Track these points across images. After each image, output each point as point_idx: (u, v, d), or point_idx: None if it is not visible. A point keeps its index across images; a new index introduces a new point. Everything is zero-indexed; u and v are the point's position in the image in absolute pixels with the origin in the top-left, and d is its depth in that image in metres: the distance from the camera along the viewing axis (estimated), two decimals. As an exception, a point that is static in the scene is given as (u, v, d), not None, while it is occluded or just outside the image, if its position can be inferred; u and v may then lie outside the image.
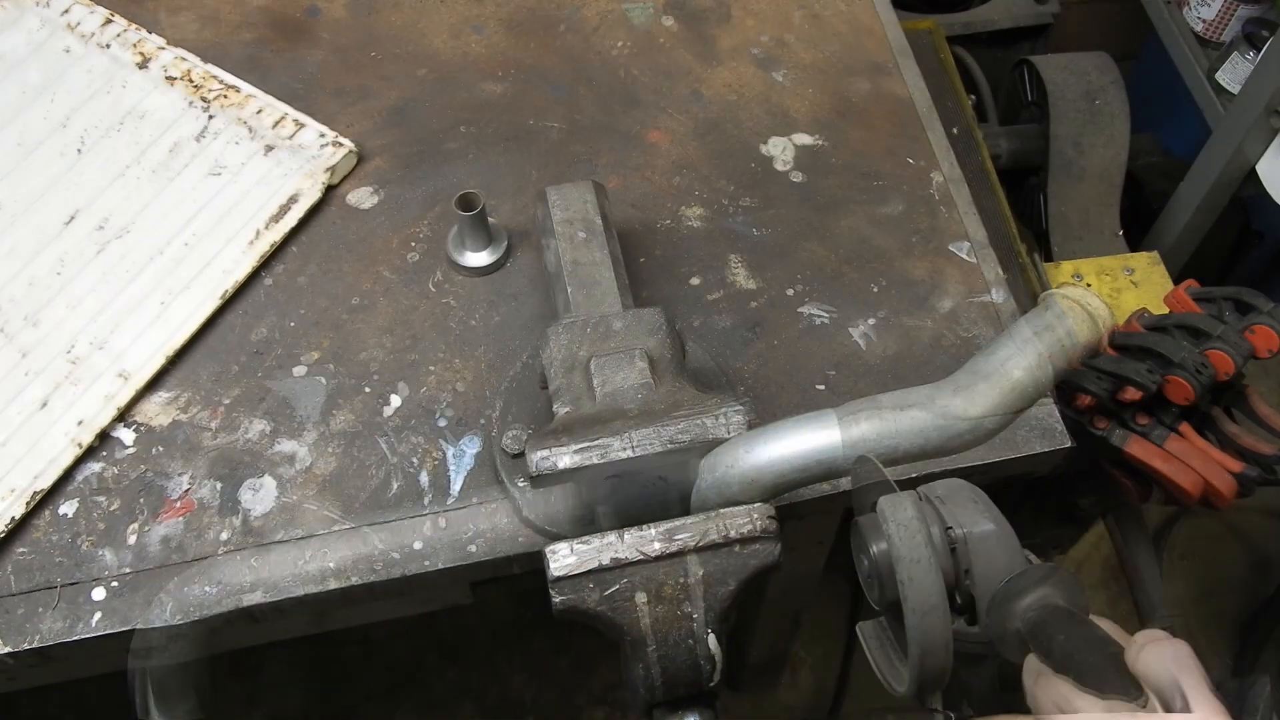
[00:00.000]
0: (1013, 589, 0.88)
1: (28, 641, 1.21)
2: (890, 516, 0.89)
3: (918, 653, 0.87)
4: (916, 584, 0.86)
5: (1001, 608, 0.88)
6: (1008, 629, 0.88)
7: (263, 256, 1.48)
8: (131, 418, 1.36)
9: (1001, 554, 0.90)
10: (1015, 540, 0.91)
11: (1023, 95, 2.64)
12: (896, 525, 0.88)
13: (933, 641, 0.87)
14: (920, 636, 0.87)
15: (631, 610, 1.04)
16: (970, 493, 0.94)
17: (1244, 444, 1.67)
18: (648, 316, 1.25)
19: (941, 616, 0.87)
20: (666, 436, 1.09)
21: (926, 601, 0.86)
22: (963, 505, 0.92)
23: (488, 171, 1.61)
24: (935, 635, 0.87)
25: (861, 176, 1.62)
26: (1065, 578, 0.88)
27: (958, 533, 0.90)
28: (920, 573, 0.86)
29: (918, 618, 0.86)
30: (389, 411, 1.38)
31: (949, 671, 0.90)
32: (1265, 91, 2.18)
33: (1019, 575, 0.88)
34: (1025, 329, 1.06)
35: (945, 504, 0.92)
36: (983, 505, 0.92)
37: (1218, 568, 2.91)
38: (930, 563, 0.86)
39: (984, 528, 0.90)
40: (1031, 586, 0.87)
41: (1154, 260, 2.17)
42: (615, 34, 1.78)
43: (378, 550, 1.27)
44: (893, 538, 0.88)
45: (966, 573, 0.90)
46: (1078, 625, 0.85)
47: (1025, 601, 0.87)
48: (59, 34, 1.67)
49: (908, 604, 0.87)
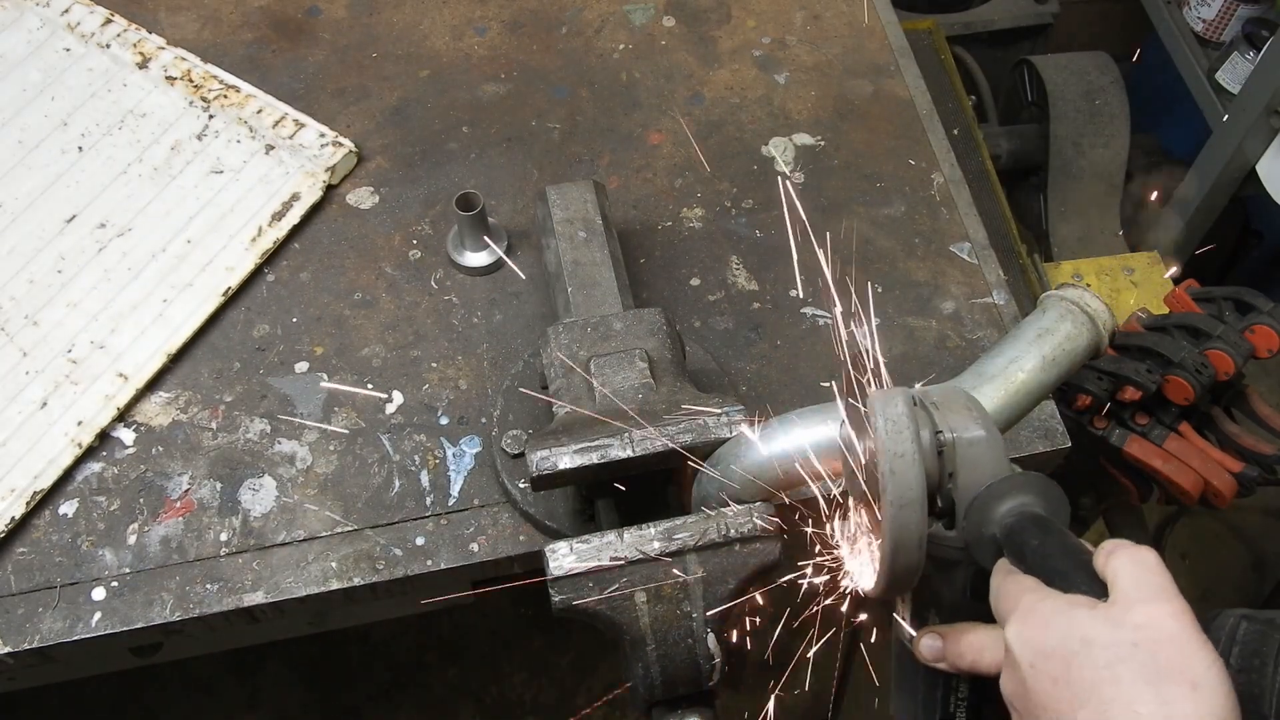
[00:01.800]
0: (993, 493, 0.88)
1: (28, 641, 1.21)
2: (880, 410, 0.88)
3: (890, 546, 0.87)
4: (898, 478, 0.86)
5: (980, 512, 0.88)
6: (984, 534, 0.88)
7: (265, 254, 1.48)
8: (131, 418, 1.36)
9: (988, 461, 0.90)
10: (1003, 449, 0.91)
11: (1023, 95, 2.63)
12: (885, 419, 0.87)
13: (906, 536, 0.87)
14: (894, 530, 0.87)
15: (631, 609, 1.04)
16: (965, 399, 0.94)
17: (1244, 444, 1.67)
18: (648, 317, 1.25)
19: (918, 512, 0.86)
20: (667, 437, 1.09)
21: (904, 495, 0.86)
22: (956, 411, 0.92)
23: (488, 171, 1.61)
24: (910, 530, 0.87)
25: (862, 178, 1.62)
26: (1047, 487, 0.88)
27: (947, 436, 0.90)
28: (902, 467, 0.86)
29: (894, 509, 0.86)
30: (391, 409, 1.38)
31: (919, 569, 0.90)
32: (1265, 91, 2.18)
33: (1001, 481, 0.88)
34: (1028, 331, 1.06)
35: (939, 409, 0.92)
36: (976, 413, 0.92)
37: (1218, 568, 2.91)
38: (914, 458, 0.86)
39: (973, 433, 0.90)
40: (1012, 492, 0.87)
41: (1154, 260, 2.17)
42: (616, 35, 1.78)
43: (379, 549, 1.27)
44: (879, 430, 0.87)
45: (951, 476, 0.90)
46: (1052, 533, 0.84)
47: (1004, 507, 0.87)
48: (59, 34, 1.67)
49: (886, 496, 0.86)
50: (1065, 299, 1.07)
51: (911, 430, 0.87)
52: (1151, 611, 0.75)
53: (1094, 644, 0.75)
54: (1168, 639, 0.73)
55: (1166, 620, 0.74)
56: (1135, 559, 0.78)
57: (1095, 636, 0.75)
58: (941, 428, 0.90)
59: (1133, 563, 0.78)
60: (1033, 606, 0.81)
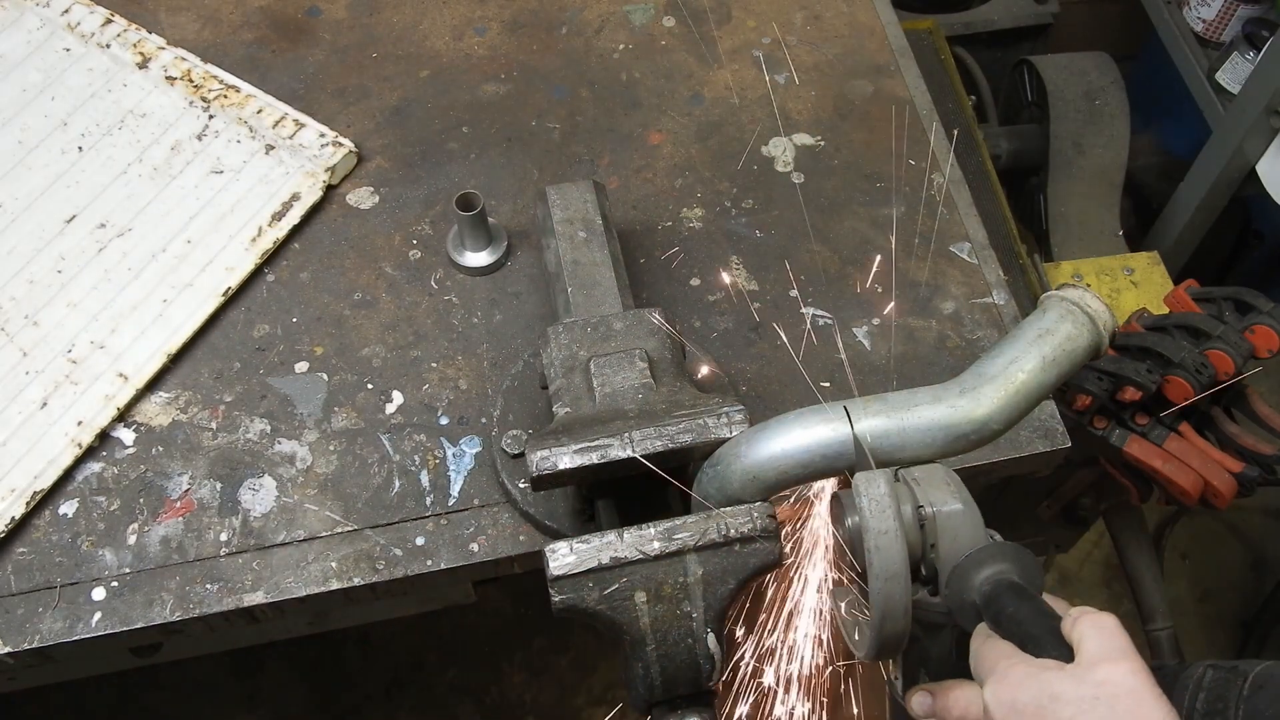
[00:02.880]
0: (971, 562, 0.95)
1: (28, 641, 1.21)
2: (864, 491, 0.96)
3: (879, 615, 0.96)
4: (882, 553, 0.94)
5: (960, 580, 0.96)
6: (965, 600, 0.95)
7: (265, 254, 1.48)
8: (131, 418, 1.36)
9: (966, 531, 0.98)
10: (980, 520, 0.99)
11: (1023, 95, 2.63)
12: (869, 499, 0.96)
13: (893, 606, 0.95)
14: (882, 601, 0.95)
15: (631, 609, 1.04)
16: (944, 475, 1.01)
17: (1244, 444, 1.67)
18: (648, 317, 1.25)
19: (902, 584, 0.95)
20: (667, 437, 1.09)
21: (889, 569, 0.94)
22: (936, 486, 0.99)
23: (488, 171, 1.61)
24: (895, 601, 0.95)
25: (862, 178, 1.62)
26: (1022, 555, 0.96)
27: (928, 510, 0.98)
28: (886, 543, 0.94)
29: (881, 583, 0.95)
30: (391, 409, 1.38)
31: (906, 635, 0.98)
32: (1265, 91, 2.18)
33: (979, 550, 0.96)
34: (1028, 332, 1.06)
35: (920, 484, 1.00)
36: (954, 487, 1.00)
37: (1218, 568, 2.91)
38: (896, 534, 0.95)
39: (952, 506, 0.98)
40: (989, 561, 0.95)
41: (1154, 260, 2.17)
42: (616, 35, 1.78)
43: (379, 549, 1.27)
44: (864, 510, 0.95)
45: (933, 547, 0.98)
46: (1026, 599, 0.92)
47: (982, 575, 0.95)
48: (59, 34, 1.67)
49: (872, 570, 0.95)
50: (1066, 299, 1.07)
51: (894, 509, 0.96)
52: (1111, 670, 0.84)
53: (1060, 699, 0.85)
54: (1126, 693, 0.83)
55: (1125, 677, 0.84)
56: (1097, 624, 0.88)
57: (1061, 692, 0.85)
58: (923, 502, 0.99)
59: (1095, 628, 0.88)
60: (1007, 670, 0.90)
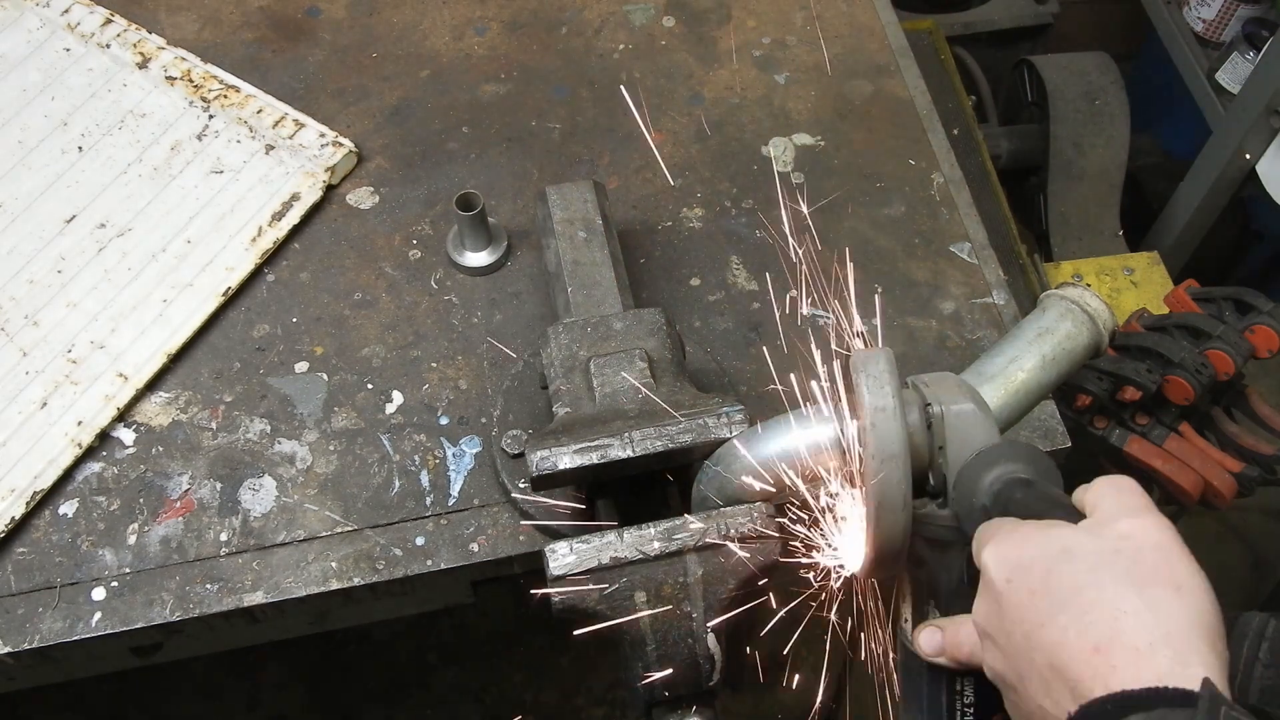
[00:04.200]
0: (981, 461, 0.86)
1: (28, 641, 1.21)
2: (862, 368, 0.86)
3: (874, 506, 0.84)
4: (878, 430, 0.84)
5: (969, 481, 0.86)
6: (974, 504, 0.86)
7: (265, 254, 1.48)
8: (131, 418, 1.36)
9: (977, 432, 0.89)
10: (994, 424, 0.90)
11: (1023, 95, 2.63)
12: (866, 375, 0.86)
13: (890, 492, 0.84)
14: (878, 487, 0.84)
15: (631, 609, 1.04)
16: (956, 380, 0.93)
17: (1244, 444, 1.67)
18: (648, 317, 1.25)
19: (900, 467, 0.84)
20: (667, 437, 1.09)
21: (886, 448, 0.83)
22: (946, 388, 0.90)
23: (488, 171, 1.61)
24: (893, 485, 0.84)
25: (862, 178, 1.62)
26: (1037, 455, 0.86)
27: (935, 410, 0.89)
28: (883, 420, 0.84)
29: (876, 464, 0.83)
30: (391, 409, 1.38)
31: (905, 537, 0.86)
32: (1265, 91, 2.18)
33: (989, 449, 0.87)
34: (1028, 331, 1.06)
35: (929, 386, 0.91)
36: (965, 390, 0.91)
37: (1218, 568, 2.90)
38: (895, 412, 0.84)
39: (961, 405, 0.89)
40: (1000, 460, 0.86)
41: (1154, 260, 2.17)
42: (616, 35, 1.78)
43: (379, 549, 1.27)
44: (860, 387, 0.85)
45: (941, 449, 0.89)
46: (1038, 489, 0.83)
47: (992, 474, 0.85)
48: (59, 34, 1.67)
49: (868, 450, 0.84)
50: (1065, 298, 1.07)
51: (893, 385, 0.85)
52: (1134, 523, 0.75)
53: (1074, 552, 0.74)
54: (1151, 546, 0.73)
55: (1150, 531, 0.74)
56: (1114, 483, 0.78)
57: (1076, 546, 0.75)
58: (930, 400, 0.89)
59: (1112, 486, 0.78)
60: (1011, 530, 0.79)
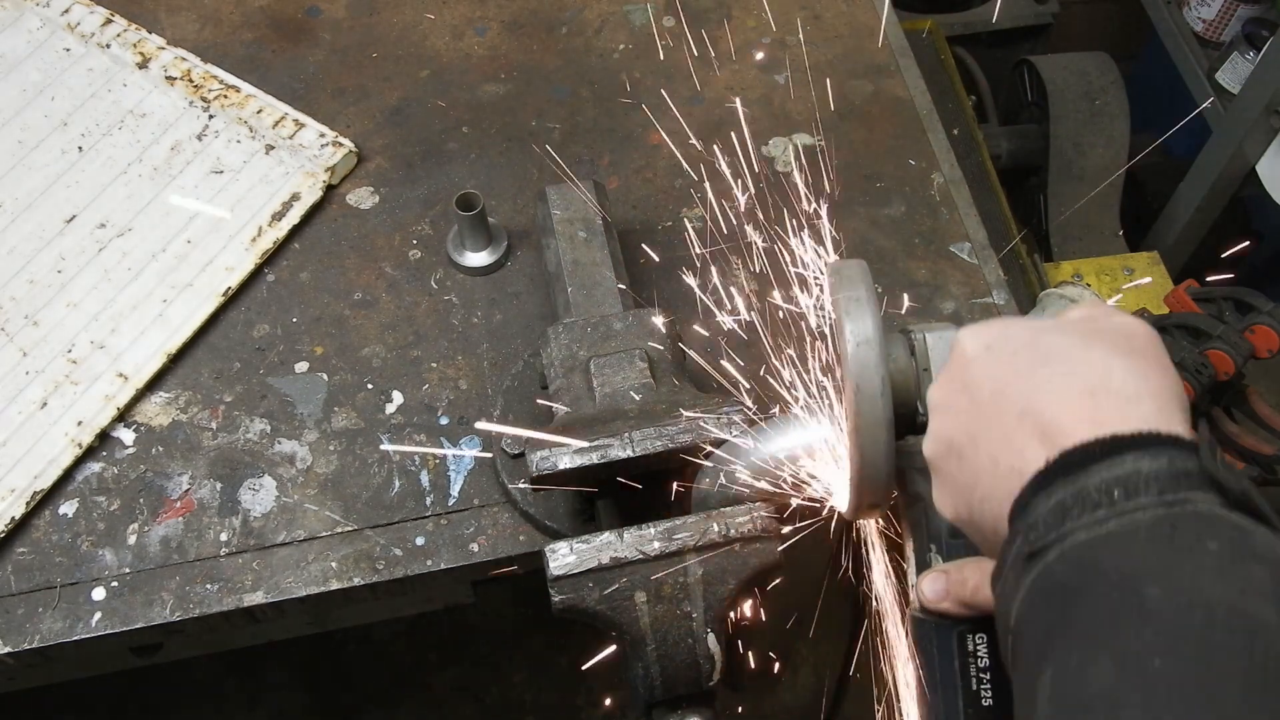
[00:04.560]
0: None
1: (28, 641, 1.21)
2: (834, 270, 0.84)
3: (852, 386, 0.81)
4: (853, 317, 0.81)
5: None
6: None
7: (265, 254, 1.48)
8: (131, 418, 1.36)
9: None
10: None
11: (1023, 95, 2.63)
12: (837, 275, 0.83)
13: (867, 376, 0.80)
14: (856, 369, 0.80)
15: (631, 609, 1.04)
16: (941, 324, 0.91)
17: (1244, 444, 1.67)
18: (648, 317, 1.25)
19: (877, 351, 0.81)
20: (667, 437, 1.09)
21: (862, 332, 0.80)
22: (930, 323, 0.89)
23: (488, 171, 1.61)
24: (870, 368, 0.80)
25: (863, 178, 1.62)
26: None
27: (918, 336, 0.88)
28: (857, 309, 0.81)
29: (853, 346, 0.80)
30: (391, 409, 1.38)
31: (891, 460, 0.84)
32: (1265, 91, 2.18)
33: None
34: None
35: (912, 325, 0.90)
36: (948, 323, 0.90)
37: (1218, 568, 2.90)
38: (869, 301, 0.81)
39: (945, 330, 0.88)
40: None
41: (1154, 260, 2.17)
42: (616, 35, 1.78)
43: (379, 549, 1.27)
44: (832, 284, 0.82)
45: (925, 371, 0.87)
46: None
47: None
48: (59, 34, 1.67)
49: (843, 335, 0.81)
50: (1065, 296, 1.07)
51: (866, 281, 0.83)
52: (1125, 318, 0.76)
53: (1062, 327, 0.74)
54: (1142, 334, 0.74)
55: (1140, 326, 0.75)
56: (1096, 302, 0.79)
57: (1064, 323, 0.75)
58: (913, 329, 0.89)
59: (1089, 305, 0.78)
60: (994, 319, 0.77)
